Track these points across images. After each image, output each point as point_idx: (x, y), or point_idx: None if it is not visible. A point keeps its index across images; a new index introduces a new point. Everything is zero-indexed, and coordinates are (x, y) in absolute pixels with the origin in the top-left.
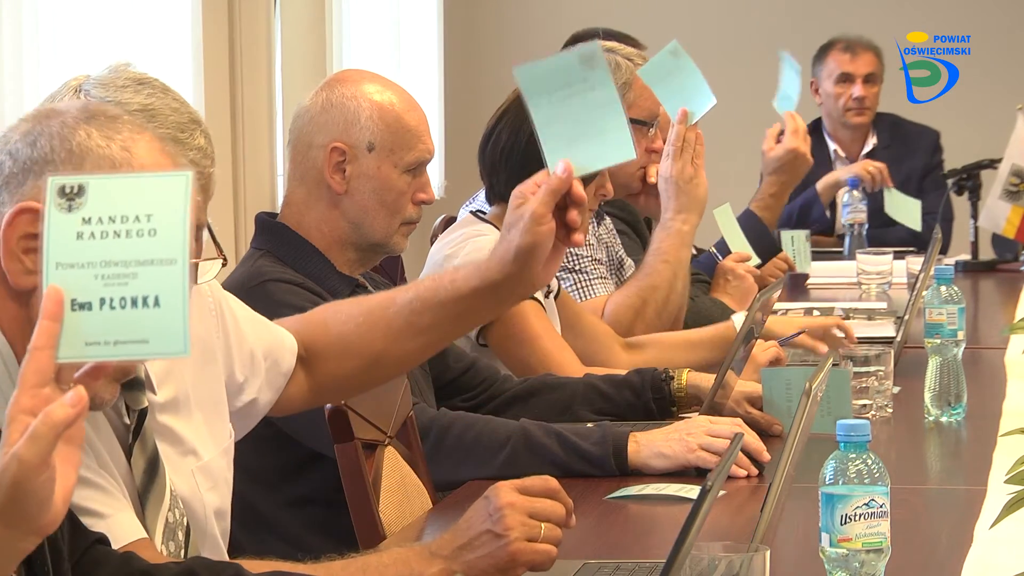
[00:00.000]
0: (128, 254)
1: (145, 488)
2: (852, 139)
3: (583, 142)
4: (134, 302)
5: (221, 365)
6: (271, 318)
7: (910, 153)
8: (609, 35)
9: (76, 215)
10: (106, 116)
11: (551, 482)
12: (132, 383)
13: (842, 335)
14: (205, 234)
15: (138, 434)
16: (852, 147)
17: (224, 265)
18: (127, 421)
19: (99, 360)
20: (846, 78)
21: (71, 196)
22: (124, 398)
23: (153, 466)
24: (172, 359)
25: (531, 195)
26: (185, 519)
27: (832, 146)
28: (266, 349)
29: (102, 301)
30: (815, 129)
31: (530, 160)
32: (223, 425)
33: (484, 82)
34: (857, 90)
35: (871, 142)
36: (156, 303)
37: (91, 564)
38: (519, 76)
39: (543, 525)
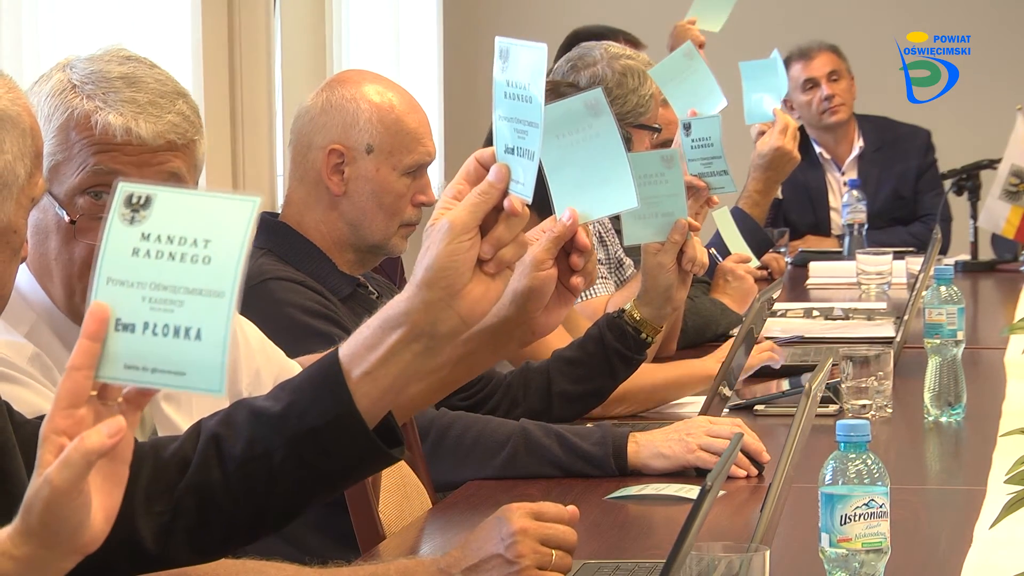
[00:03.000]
0: (179, 279)
1: None
2: (836, 141)
3: (588, 189)
4: (176, 332)
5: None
6: (273, 317)
7: (902, 155)
8: (609, 33)
9: (137, 229)
10: None
11: (564, 509)
12: None
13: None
14: None
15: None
16: (838, 150)
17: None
18: None
19: (138, 386)
20: (811, 83)
21: (136, 207)
22: None
23: None
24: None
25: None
26: None
27: (818, 149)
28: (275, 375)
29: (145, 325)
30: (801, 134)
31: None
32: None
33: (484, 82)
34: (824, 90)
35: (858, 145)
36: (198, 336)
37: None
38: None
39: (554, 553)
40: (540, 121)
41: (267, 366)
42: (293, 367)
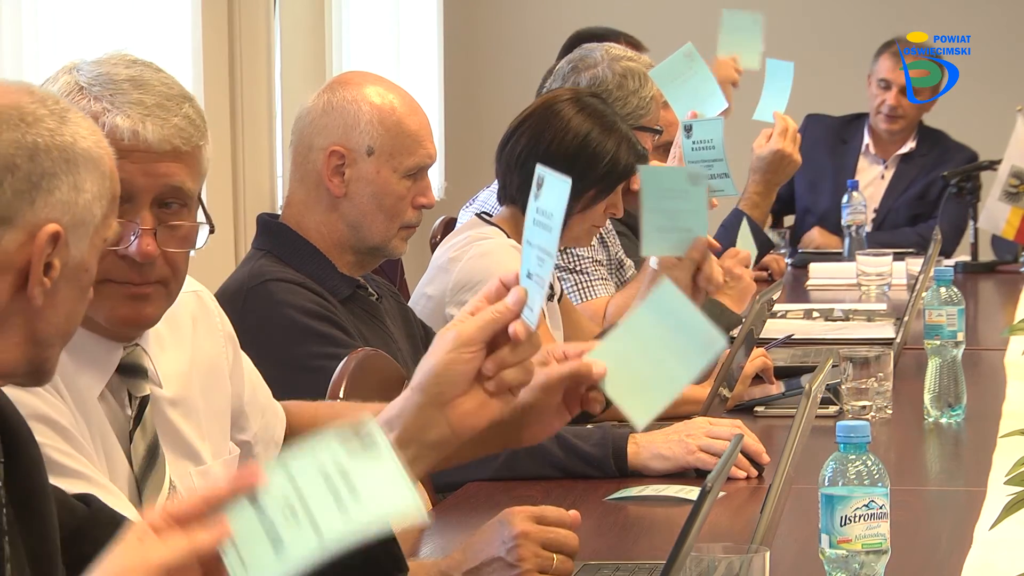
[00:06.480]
0: (316, 509)
1: (143, 474)
2: (890, 140)
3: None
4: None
5: (228, 388)
6: (272, 318)
7: (943, 163)
8: (611, 35)
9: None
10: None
11: (565, 513)
12: (135, 370)
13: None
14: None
15: (139, 421)
16: (889, 147)
17: (212, 232)
18: (128, 412)
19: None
20: (884, 84)
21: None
22: (127, 385)
23: (153, 453)
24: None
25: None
26: None
27: (866, 140)
28: (262, 406)
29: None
30: (857, 118)
31: None
32: (225, 441)
33: (484, 83)
34: (890, 98)
35: (908, 145)
36: (283, 553)
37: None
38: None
39: (555, 557)
40: (554, 252)
41: (252, 401)
42: (274, 402)
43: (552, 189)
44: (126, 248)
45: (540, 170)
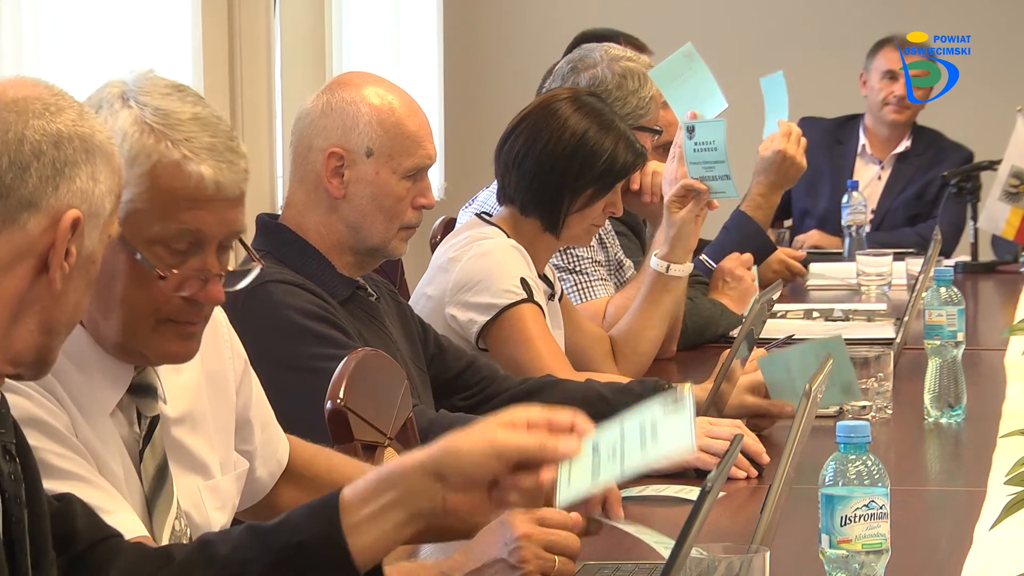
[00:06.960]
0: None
1: (153, 494)
2: (888, 138)
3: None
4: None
5: (233, 401)
6: (271, 319)
7: (939, 162)
8: (614, 36)
9: None
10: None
11: (567, 515)
12: (145, 390)
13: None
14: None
15: (149, 440)
16: (886, 145)
17: (262, 269)
18: (137, 430)
19: None
20: (891, 75)
21: None
22: (136, 404)
23: (162, 472)
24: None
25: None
26: (189, 530)
27: (862, 140)
28: (263, 420)
29: None
30: (852, 119)
31: (540, 171)
32: (230, 452)
33: (484, 83)
34: (898, 88)
35: (904, 144)
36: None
37: (105, 553)
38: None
39: (557, 559)
40: (629, 475)
41: (256, 414)
42: (278, 427)
43: (671, 435)
44: (193, 294)
45: (683, 401)
